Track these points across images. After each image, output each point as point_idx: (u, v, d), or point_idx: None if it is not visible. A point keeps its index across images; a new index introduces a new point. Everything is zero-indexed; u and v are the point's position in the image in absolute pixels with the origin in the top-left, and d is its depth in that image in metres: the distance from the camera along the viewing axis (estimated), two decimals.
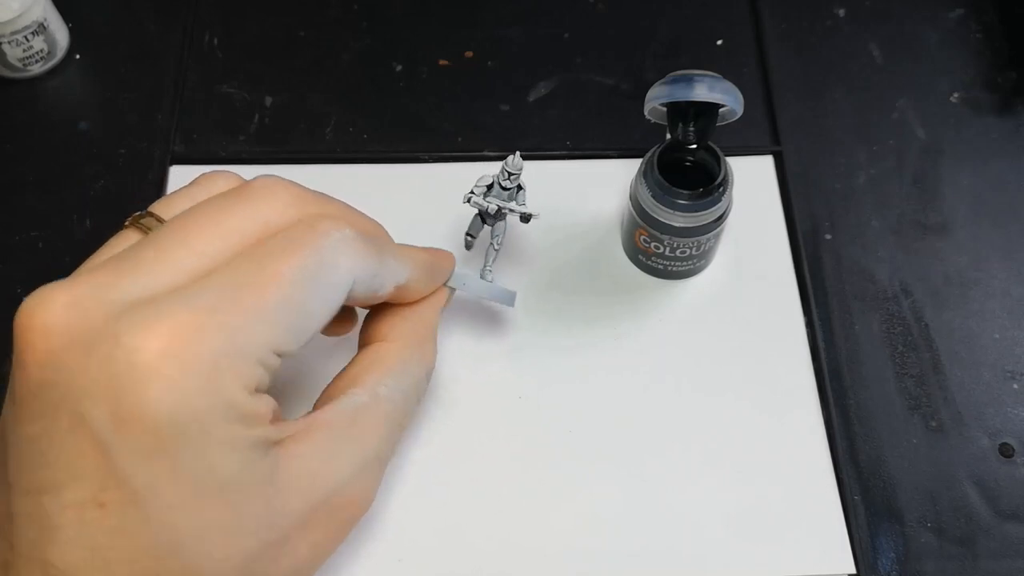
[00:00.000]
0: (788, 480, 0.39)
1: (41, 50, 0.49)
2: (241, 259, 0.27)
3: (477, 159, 0.47)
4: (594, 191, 0.46)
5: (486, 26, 0.52)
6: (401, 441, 0.39)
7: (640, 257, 0.44)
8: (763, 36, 0.52)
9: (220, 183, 0.31)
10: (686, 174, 0.40)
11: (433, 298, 0.35)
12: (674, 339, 0.43)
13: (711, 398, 0.41)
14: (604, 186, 0.46)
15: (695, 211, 0.40)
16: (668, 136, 0.40)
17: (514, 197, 0.39)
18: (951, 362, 0.43)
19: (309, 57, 0.51)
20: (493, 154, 0.47)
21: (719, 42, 0.52)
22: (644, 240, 0.42)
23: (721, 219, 0.41)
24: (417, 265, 0.33)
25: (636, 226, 0.42)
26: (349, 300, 0.30)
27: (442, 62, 0.51)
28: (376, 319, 0.34)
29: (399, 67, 0.51)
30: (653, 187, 0.40)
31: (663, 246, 0.42)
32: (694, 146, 0.40)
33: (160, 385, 0.24)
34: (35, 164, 0.47)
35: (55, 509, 0.25)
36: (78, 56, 0.51)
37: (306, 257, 0.27)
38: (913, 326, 0.44)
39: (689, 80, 0.38)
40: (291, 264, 0.27)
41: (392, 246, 0.33)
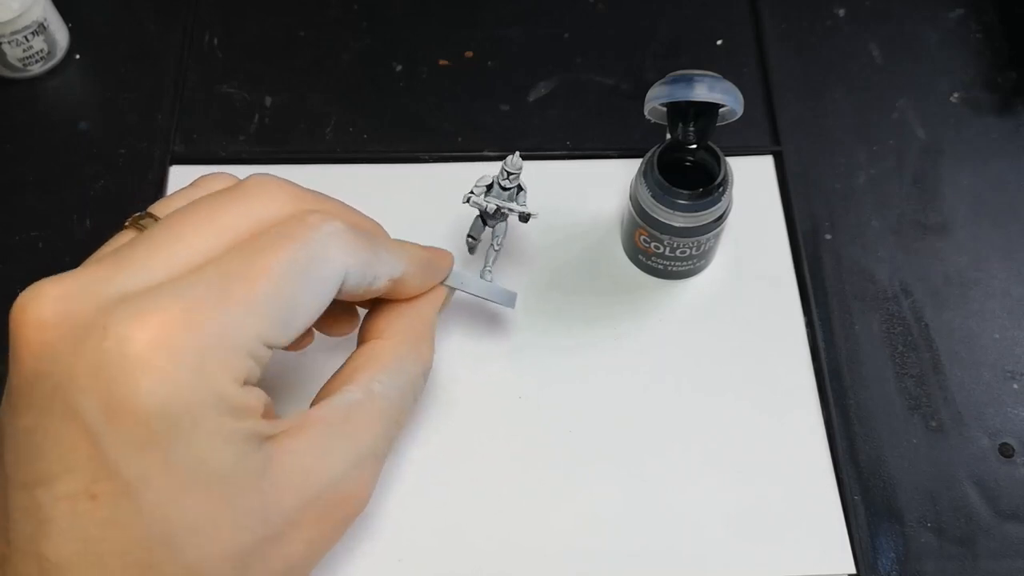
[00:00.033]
0: (788, 480, 0.39)
1: (41, 50, 0.49)
2: (232, 253, 0.27)
3: (477, 159, 0.47)
4: (594, 191, 0.46)
5: (486, 26, 0.52)
6: (400, 439, 0.39)
7: (640, 257, 0.44)
8: (763, 36, 0.52)
9: (217, 184, 0.31)
10: (686, 174, 0.40)
11: (430, 296, 0.35)
12: (674, 339, 0.43)
13: (711, 398, 0.41)
14: (604, 186, 0.46)
15: (695, 211, 0.40)
16: (668, 136, 0.40)
17: (514, 198, 0.39)
18: (951, 362, 0.43)
19: (309, 57, 0.51)
20: (493, 154, 0.47)
21: (719, 42, 0.52)
22: (644, 240, 0.42)
23: (721, 219, 0.41)
24: (413, 260, 0.33)
25: (636, 226, 0.42)
26: (343, 294, 0.30)
27: (442, 62, 0.51)
28: (373, 317, 0.34)
29: (399, 67, 0.51)
30: (653, 187, 0.40)
31: (663, 246, 0.42)
32: (694, 146, 0.40)
33: (150, 376, 0.24)
34: (35, 164, 0.47)
35: (48, 502, 0.25)
36: (78, 56, 0.51)
37: (296, 250, 0.27)
38: (913, 326, 0.44)
39: (689, 80, 0.38)
40: (280, 257, 0.27)
41: (387, 240, 0.33)
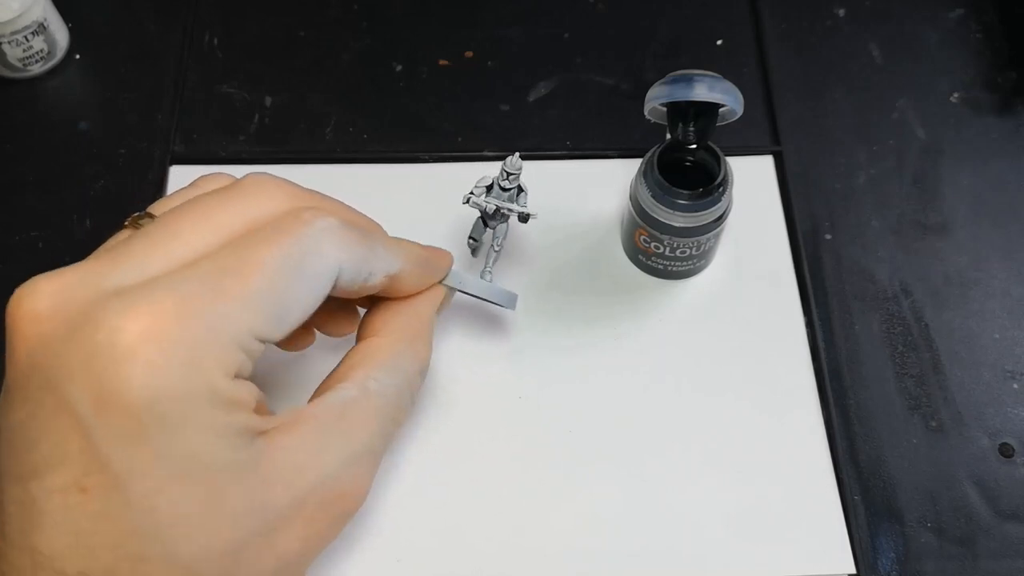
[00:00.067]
0: (788, 480, 0.39)
1: (41, 50, 0.49)
2: (226, 248, 0.27)
3: (477, 159, 0.47)
4: (594, 191, 0.46)
5: (486, 26, 0.52)
6: (399, 439, 0.39)
7: (640, 257, 0.44)
8: (763, 36, 0.52)
9: (215, 184, 0.31)
10: (686, 174, 0.40)
11: (429, 294, 0.35)
12: (674, 339, 0.43)
13: (711, 398, 0.41)
14: (604, 186, 0.46)
15: (695, 211, 0.40)
16: (668, 136, 0.40)
17: (514, 198, 0.39)
18: (951, 362, 0.43)
19: (309, 57, 0.51)
20: (493, 154, 0.47)
21: (719, 42, 0.52)
22: (644, 240, 0.42)
23: (721, 219, 0.41)
24: (410, 257, 0.33)
25: (636, 226, 0.42)
26: (337, 290, 0.30)
27: (442, 62, 0.51)
28: (371, 315, 0.34)
29: (399, 67, 0.51)
30: (653, 187, 0.40)
31: (663, 246, 0.42)
32: (694, 146, 0.40)
33: (140, 368, 0.24)
34: (35, 164, 0.47)
35: (41, 495, 0.25)
36: (78, 56, 0.51)
37: (290, 245, 0.27)
38: (913, 326, 0.44)
39: (689, 80, 0.38)
40: (274, 252, 0.27)
41: (383, 237, 0.33)
